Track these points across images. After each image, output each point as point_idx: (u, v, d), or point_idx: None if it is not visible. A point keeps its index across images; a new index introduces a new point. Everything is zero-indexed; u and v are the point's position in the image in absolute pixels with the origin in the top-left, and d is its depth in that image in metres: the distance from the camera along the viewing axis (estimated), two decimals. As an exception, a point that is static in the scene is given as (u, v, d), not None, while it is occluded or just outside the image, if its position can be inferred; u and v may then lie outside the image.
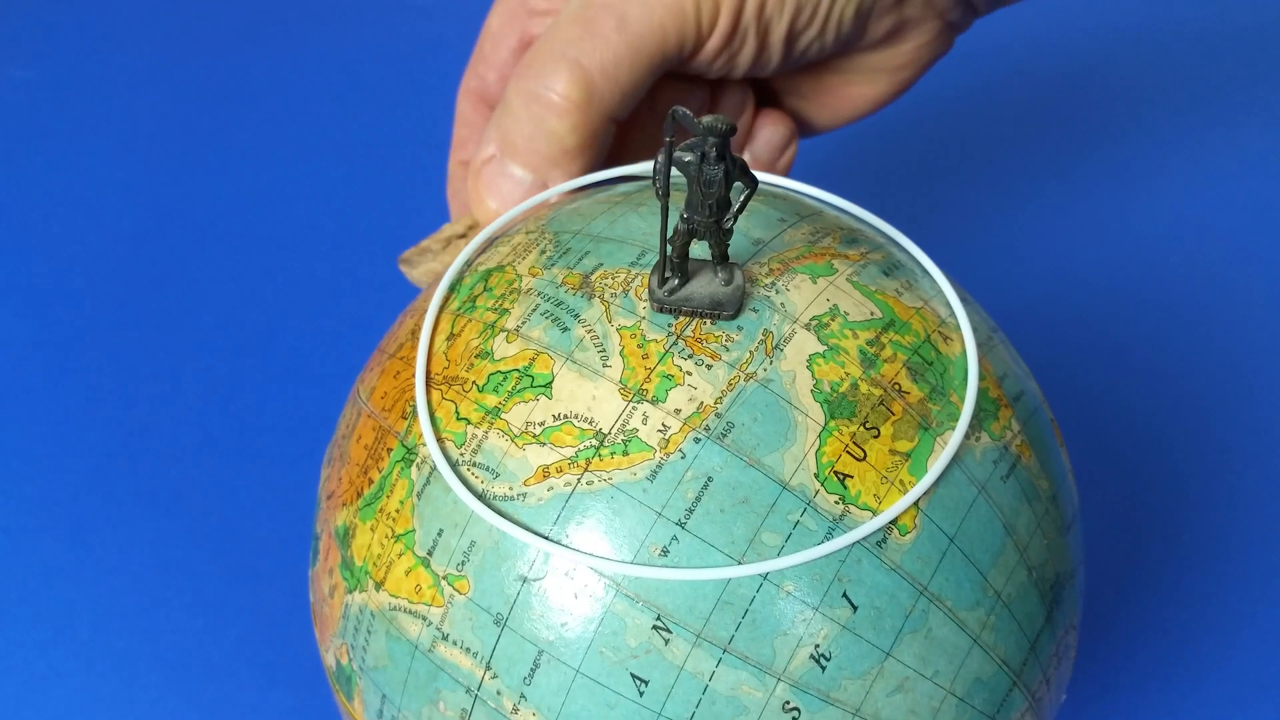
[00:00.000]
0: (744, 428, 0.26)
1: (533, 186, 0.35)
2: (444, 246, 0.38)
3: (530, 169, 0.35)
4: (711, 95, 0.40)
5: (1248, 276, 0.59)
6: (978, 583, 0.27)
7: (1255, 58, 0.71)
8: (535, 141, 0.35)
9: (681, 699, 0.25)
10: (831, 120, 0.44)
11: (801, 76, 0.42)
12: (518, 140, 0.35)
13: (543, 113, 0.34)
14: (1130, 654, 0.46)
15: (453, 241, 0.38)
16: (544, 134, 0.34)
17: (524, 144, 0.35)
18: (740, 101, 0.41)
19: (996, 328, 0.33)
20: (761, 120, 0.42)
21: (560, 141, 0.35)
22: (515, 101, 0.35)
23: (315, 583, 0.31)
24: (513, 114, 0.35)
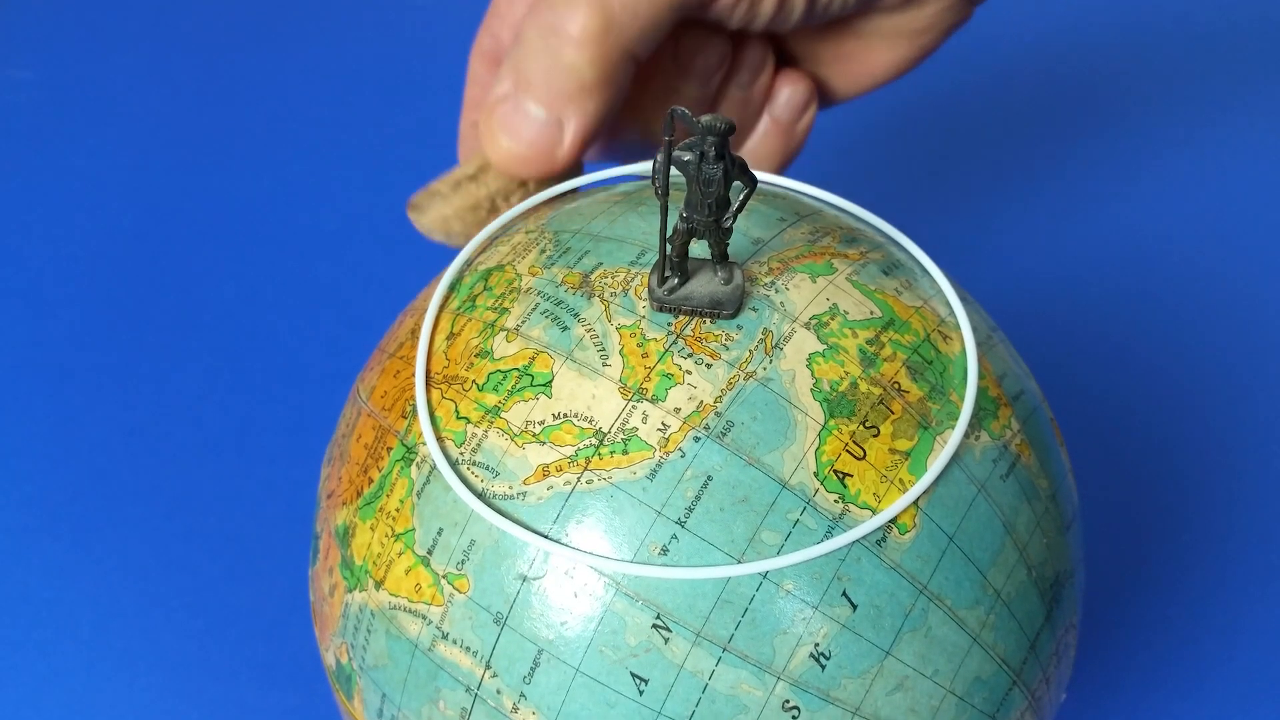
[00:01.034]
0: (744, 427, 0.26)
1: (548, 125, 0.35)
2: (454, 189, 0.37)
3: (546, 105, 0.34)
4: (734, 49, 0.40)
5: (1248, 276, 0.59)
6: (977, 581, 0.27)
7: (1256, 57, 0.71)
8: (552, 76, 0.34)
9: (681, 698, 0.25)
10: (851, 87, 0.44)
11: (821, 41, 0.41)
12: (533, 75, 0.34)
13: (560, 45, 0.33)
14: (1130, 654, 0.46)
15: (462, 184, 0.37)
16: (561, 68, 0.34)
17: (540, 79, 0.34)
18: (761, 58, 0.40)
19: (996, 327, 0.33)
20: (781, 80, 0.41)
21: (578, 75, 0.34)
22: (531, 35, 0.34)
23: (315, 582, 0.31)
24: (529, 49, 0.34)
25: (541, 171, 0.35)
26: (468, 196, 0.36)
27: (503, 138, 0.35)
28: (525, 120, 0.35)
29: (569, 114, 0.34)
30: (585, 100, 0.34)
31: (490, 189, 0.37)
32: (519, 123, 0.35)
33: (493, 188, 0.37)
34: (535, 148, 0.35)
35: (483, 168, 0.37)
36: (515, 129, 0.35)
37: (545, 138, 0.35)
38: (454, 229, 0.37)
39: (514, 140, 0.35)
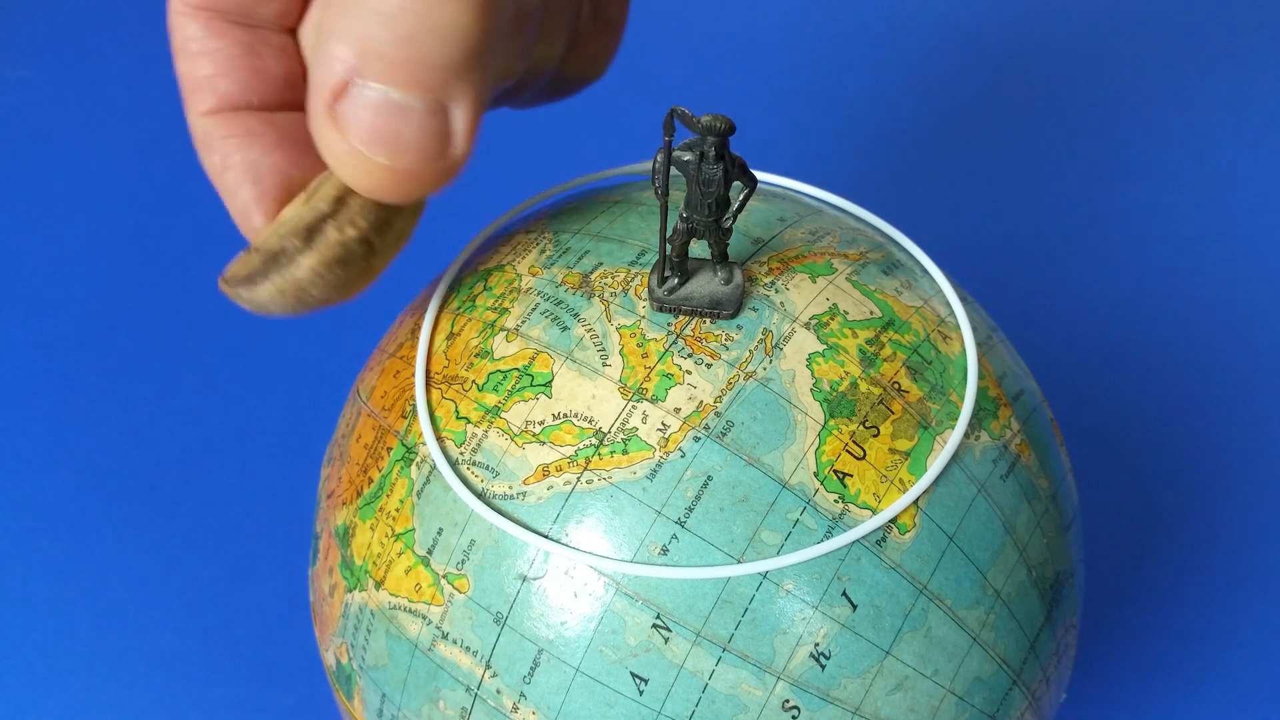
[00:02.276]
0: (743, 426, 0.26)
1: (429, 116, 0.24)
2: (304, 239, 0.25)
3: (419, 88, 0.23)
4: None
5: (1249, 276, 0.59)
6: (977, 581, 0.27)
7: (1257, 56, 0.71)
8: (423, 45, 0.23)
9: (681, 697, 0.25)
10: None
11: None
12: (388, 49, 0.23)
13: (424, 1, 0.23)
14: (1130, 653, 0.46)
15: (320, 229, 0.25)
16: (434, 31, 0.23)
17: (403, 52, 0.23)
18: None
19: (996, 327, 0.33)
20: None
21: (462, 37, 0.23)
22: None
23: (315, 582, 0.31)
24: (368, 10, 0.23)
25: (438, 184, 0.25)
26: (330, 247, 0.25)
27: (372, 152, 0.24)
28: (395, 117, 0.24)
29: (456, 94, 0.24)
30: (474, 70, 0.24)
31: (361, 226, 0.26)
32: (388, 124, 0.24)
33: (363, 224, 0.26)
34: (423, 154, 0.24)
35: (340, 199, 0.25)
36: (386, 135, 0.24)
37: (430, 136, 0.24)
38: (313, 295, 0.26)
39: (393, 152, 0.24)
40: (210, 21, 0.28)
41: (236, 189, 0.27)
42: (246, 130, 0.27)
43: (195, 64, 0.28)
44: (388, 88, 0.23)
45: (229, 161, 0.27)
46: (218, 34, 0.28)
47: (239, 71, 0.28)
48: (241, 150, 0.27)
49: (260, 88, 0.28)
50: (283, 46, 0.28)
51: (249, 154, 0.27)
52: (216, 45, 0.28)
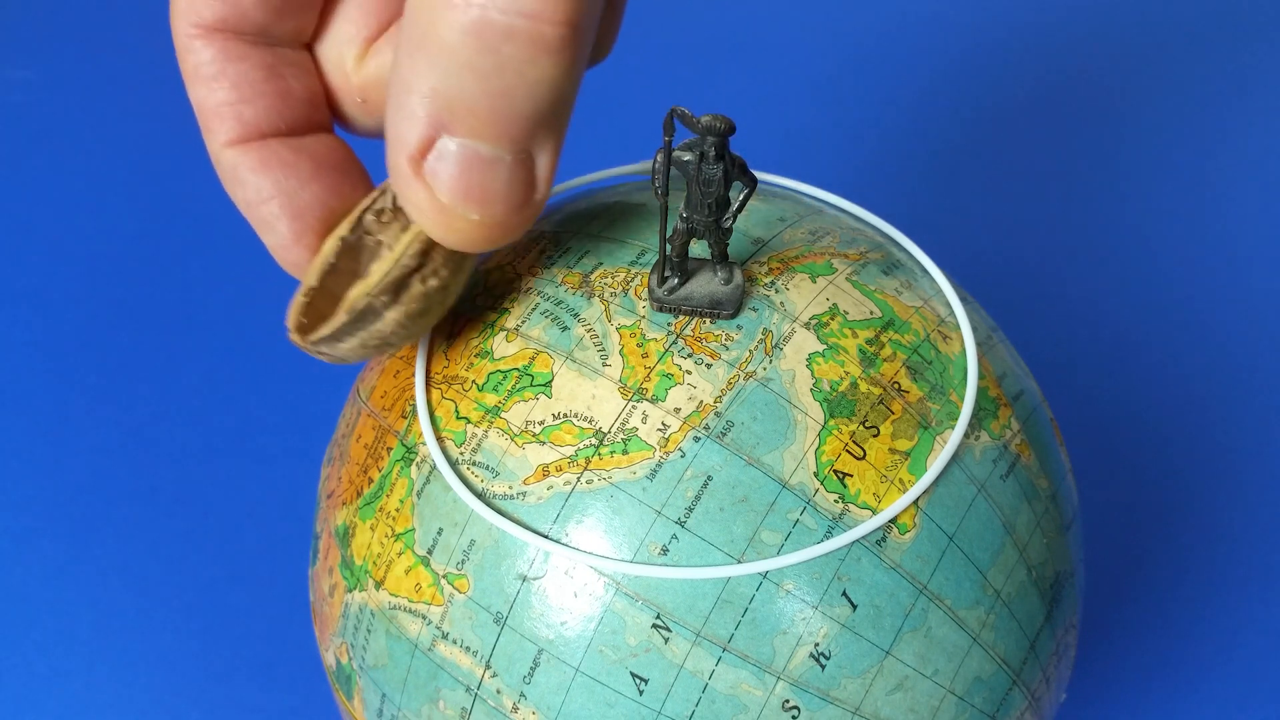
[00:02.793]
0: (743, 426, 0.26)
1: (517, 165, 0.23)
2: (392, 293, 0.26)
3: (509, 141, 0.23)
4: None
5: (1248, 276, 0.59)
6: (977, 581, 0.27)
7: (1256, 56, 0.71)
8: (515, 100, 0.22)
9: (681, 697, 0.25)
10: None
11: None
12: (480, 104, 0.22)
13: (523, 54, 0.22)
14: (1130, 653, 0.46)
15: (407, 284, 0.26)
16: (526, 86, 0.22)
17: (493, 107, 0.22)
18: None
19: (996, 327, 0.33)
20: None
21: (556, 89, 0.22)
22: (457, 45, 0.21)
23: (315, 582, 0.31)
24: (457, 65, 0.22)
25: (520, 231, 0.25)
26: (414, 299, 0.26)
27: (463, 208, 0.24)
28: (485, 171, 0.23)
29: (541, 142, 0.23)
30: (562, 116, 0.23)
31: (444, 275, 0.26)
32: (478, 178, 0.23)
33: (445, 273, 0.26)
34: (510, 205, 0.24)
35: (424, 252, 0.25)
36: (476, 189, 0.23)
37: (519, 186, 0.24)
38: (393, 344, 0.27)
39: (482, 205, 0.24)
40: (226, 43, 0.26)
41: (274, 223, 0.26)
42: (280, 161, 0.26)
43: (213, 90, 0.26)
44: (477, 142, 0.23)
45: (264, 195, 0.26)
46: (236, 57, 0.26)
47: (263, 97, 0.26)
48: (277, 184, 0.26)
49: (287, 112, 0.27)
50: (303, 64, 0.27)
51: (285, 186, 0.26)
52: (236, 69, 0.26)
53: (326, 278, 0.26)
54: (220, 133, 0.26)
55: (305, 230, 0.26)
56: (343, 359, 0.27)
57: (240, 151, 0.26)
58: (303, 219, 0.26)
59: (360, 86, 0.28)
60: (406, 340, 0.27)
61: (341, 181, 0.27)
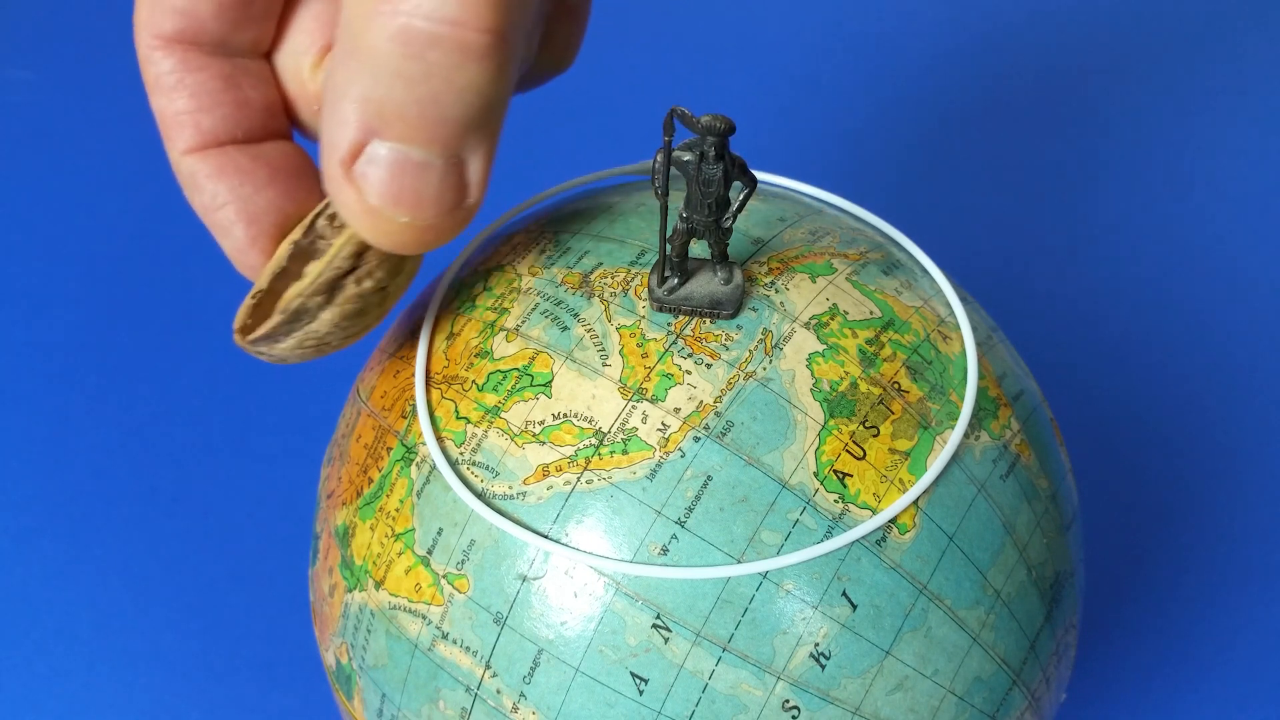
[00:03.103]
0: (743, 426, 0.26)
1: (448, 169, 0.24)
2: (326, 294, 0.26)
3: (439, 145, 0.23)
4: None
5: (1248, 275, 0.59)
6: (977, 581, 0.27)
7: (1257, 55, 0.71)
8: (442, 105, 0.23)
9: (681, 697, 0.25)
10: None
11: None
12: (409, 109, 0.23)
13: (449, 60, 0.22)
14: (1130, 653, 0.46)
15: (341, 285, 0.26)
16: (453, 91, 0.22)
17: (421, 112, 0.23)
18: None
19: (996, 327, 0.33)
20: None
21: (482, 95, 0.23)
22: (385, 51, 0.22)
23: (315, 582, 0.31)
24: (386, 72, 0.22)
25: (455, 233, 0.25)
26: (349, 300, 0.26)
27: (393, 211, 0.24)
28: (415, 175, 0.23)
29: (473, 146, 0.24)
30: (491, 120, 0.24)
31: (379, 277, 0.27)
32: (408, 182, 0.23)
33: (380, 274, 0.27)
34: (441, 208, 0.24)
35: (358, 254, 0.26)
36: (407, 193, 0.24)
37: (450, 190, 0.24)
38: (331, 344, 0.27)
39: (413, 208, 0.24)
40: (186, 54, 0.27)
41: (230, 228, 0.27)
42: (235, 168, 0.27)
43: (172, 99, 0.27)
44: (407, 146, 0.23)
45: (219, 201, 0.27)
46: (195, 67, 0.27)
47: (221, 106, 0.27)
48: (233, 189, 0.27)
49: (244, 120, 0.27)
50: (261, 74, 0.28)
51: (240, 192, 0.27)
52: (194, 79, 0.27)
53: (277, 281, 0.27)
54: (179, 140, 0.27)
55: (260, 235, 0.27)
56: (282, 359, 0.27)
57: (198, 159, 0.27)
58: (258, 224, 0.27)
59: (316, 94, 0.28)
60: (345, 341, 0.27)
61: (297, 187, 0.27)
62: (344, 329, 0.27)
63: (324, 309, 0.26)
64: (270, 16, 0.27)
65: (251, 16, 0.27)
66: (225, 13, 0.26)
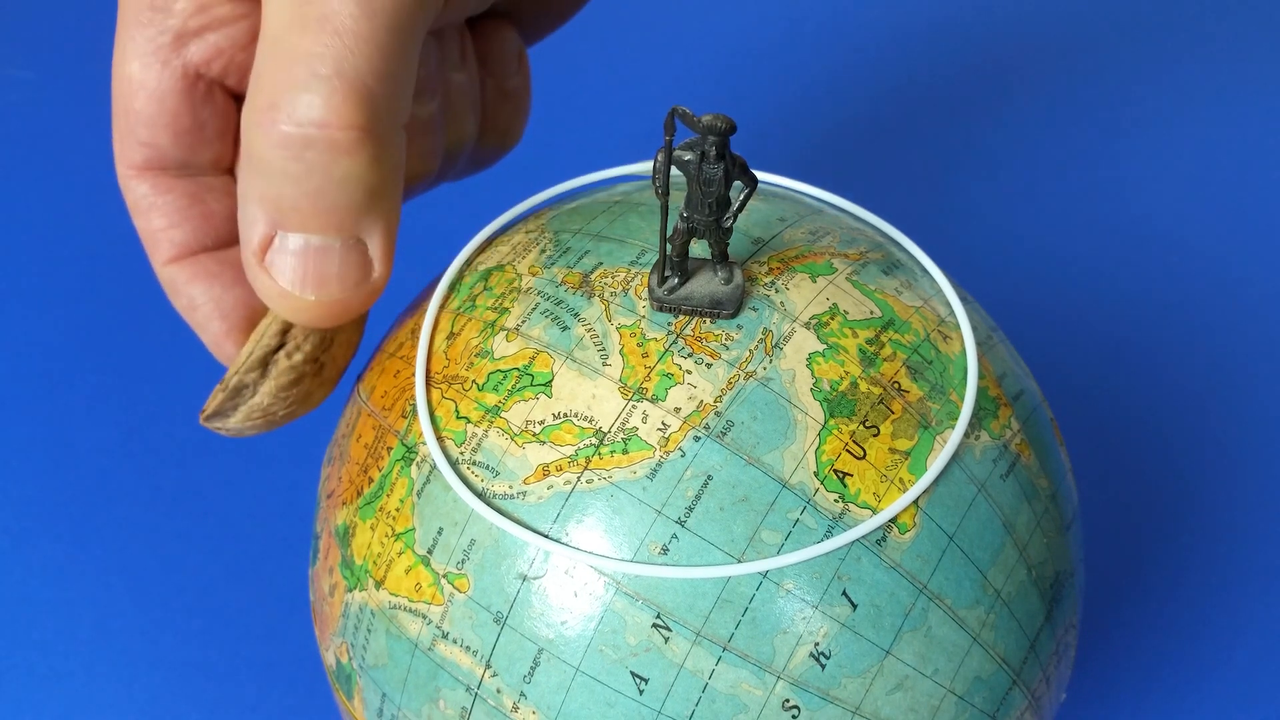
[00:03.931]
0: (744, 426, 0.26)
1: (348, 250, 0.27)
2: (259, 371, 0.30)
3: (335, 230, 0.26)
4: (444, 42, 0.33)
5: (1249, 275, 0.59)
6: (977, 581, 0.27)
7: (1260, 53, 0.71)
8: (327, 196, 0.25)
9: (681, 697, 0.25)
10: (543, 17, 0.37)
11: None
12: (300, 203, 0.26)
13: (324, 158, 0.25)
14: (1130, 653, 0.46)
15: (274, 360, 0.30)
16: (335, 183, 0.25)
17: (311, 205, 0.26)
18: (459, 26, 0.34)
19: (996, 327, 0.33)
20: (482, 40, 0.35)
21: (363, 182, 0.25)
22: (271, 157, 0.25)
23: (315, 582, 0.31)
24: (275, 174, 0.25)
25: (364, 306, 0.28)
26: (282, 373, 0.30)
27: (301, 290, 0.27)
28: (318, 259, 0.26)
29: (368, 227, 0.27)
30: (381, 202, 0.26)
31: (306, 350, 0.30)
32: (313, 266, 0.26)
33: (308, 348, 0.30)
34: (346, 284, 0.27)
35: (283, 331, 0.30)
36: (313, 275, 0.27)
37: (352, 268, 0.27)
38: (278, 412, 0.31)
39: (319, 288, 0.27)
40: (156, 179, 0.30)
41: (206, 324, 0.31)
42: (206, 273, 0.30)
43: (150, 219, 0.30)
44: (307, 235, 0.26)
45: (195, 303, 0.30)
46: (165, 189, 0.30)
47: (189, 220, 0.30)
48: (205, 292, 0.30)
49: (211, 230, 0.31)
50: (224, 188, 0.31)
51: (211, 293, 0.30)
52: (165, 200, 0.30)
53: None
54: (158, 255, 0.31)
55: (232, 329, 0.30)
56: (239, 432, 0.31)
57: (176, 268, 0.31)
58: (229, 319, 0.30)
59: None
60: (290, 410, 0.31)
61: None
62: (284, 399, 0.30)
63: (261, 382, 0.30)
64: (224, 137, 0.30)
65: (206, 139, 0.30)
66: (182, 139, 0.30)
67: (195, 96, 0.29)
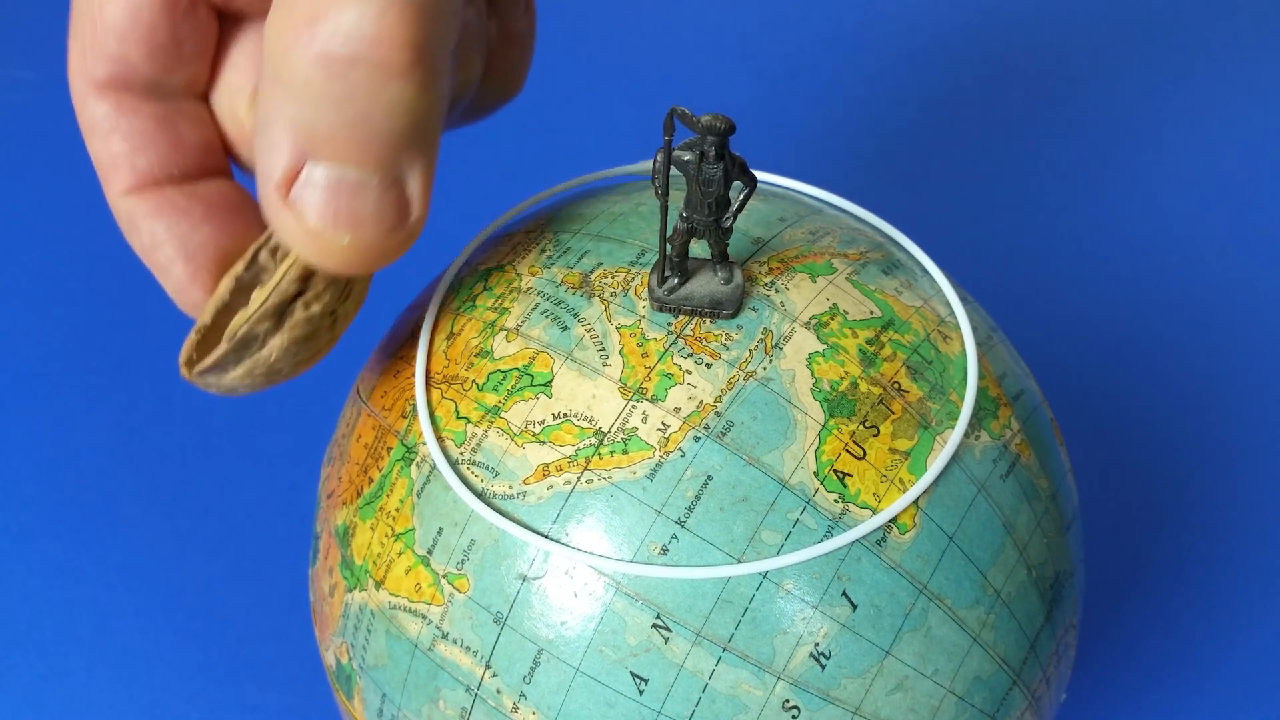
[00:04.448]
0: (743, 426, 0.26)
1: (385, 188, 0.24)
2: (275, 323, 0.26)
3: (374, 164, 0.23)
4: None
5: (1248, 275, 0.59)
6: (977, 581, 0.27)
7: (1258, 54, 0.71)
8: (370, 124, 0.23)
9: (681, 697, 0.25)
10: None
11: None
12: (337, 130, 0.23)
13: (370, 80, 0.22)
14: (1130, 653, 0.46)
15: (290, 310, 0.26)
16: (381, 109, 0.23)
17: (350, 132, 0.23)
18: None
19: (996, 327, 0.33)
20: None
21: (411, 111, 0.23)
22: (308, 76, 0.22)
23: (315, 582, 0.31)
24: (310, 96, 0.22)
25: (399, 252, 0.25)
26: (297, 325, 0.26)
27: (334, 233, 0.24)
28: (352, 196, 0.23)
29: (409, 164, 0.24)
30: (424, 136, 0.24)
31: (326, 301, 0.26)
32: (346, 203, 0.24)
33: (327, 298, 0.26)
34: (382, 227, 0.24)
35: (304, 277, 0.26)
36: (345, 214, 0.24)
37: (390, 209, 0.24)
38: (281, 372, 0.27)
39: (354, 229, 0.24)
40: (120, 98, 0.27)
41: (169, 266, 0.27)
42: (172, 206, 0.27)
43: (109, 142, 0.27)
44: (342, 167, 0.23)
45: (158, 240, 0.27)
46: (129, 110, 0.27)
47: (156, 146, 0.27)
48: (169, 228, 0.27)
49: (180, 160, 0.27)
50: (197, 115, 0.28)
51: (177, 230, 0.27)
52: (129, 122, 0.27)
53: (220, 315, 0.26)
54: (116, 182, 0.27)
55: (199, 271, 0.27)
56: (231, 390, 0.27)
57: (135, 199, 0.27)
58: (195, 260, 0.27)
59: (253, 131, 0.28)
60: (297, 368, 0.27)
61: (235, 223, 0.28)
62: (294, 354, 0.27)
63: (272, 335, 0.26)
64: (203, 57, 0.27)
65: (183, 58, 0.27)
66: (156, 56, 0.26)
67: (177, 8, 0.26)
